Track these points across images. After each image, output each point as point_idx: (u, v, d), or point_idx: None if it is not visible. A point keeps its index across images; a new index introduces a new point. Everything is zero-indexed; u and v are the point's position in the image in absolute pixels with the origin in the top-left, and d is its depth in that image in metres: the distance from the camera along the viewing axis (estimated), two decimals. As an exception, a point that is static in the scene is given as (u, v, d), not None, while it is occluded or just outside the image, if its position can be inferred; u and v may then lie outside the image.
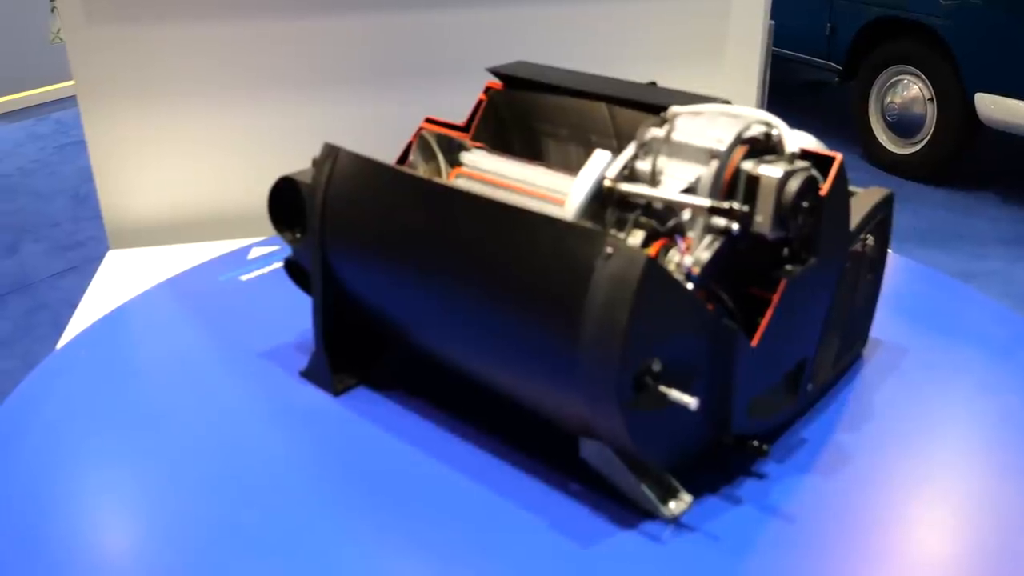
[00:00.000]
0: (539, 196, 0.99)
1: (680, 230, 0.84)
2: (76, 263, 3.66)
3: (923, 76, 4.18)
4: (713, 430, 0.89)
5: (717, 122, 0.86)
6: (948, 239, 3.81)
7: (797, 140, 0.99)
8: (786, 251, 0.90)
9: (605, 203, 0.87)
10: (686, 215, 0.84)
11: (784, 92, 6.03)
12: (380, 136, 1.49)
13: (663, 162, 0.87)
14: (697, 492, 0.89)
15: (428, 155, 1.16)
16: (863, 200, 1.02)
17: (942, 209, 4.09)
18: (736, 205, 0.80)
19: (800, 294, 0.90)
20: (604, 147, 1.09)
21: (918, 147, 4.27)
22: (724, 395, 0.86)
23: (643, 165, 0.87)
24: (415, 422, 1.01)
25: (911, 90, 4.26)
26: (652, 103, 0.98)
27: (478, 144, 1.13)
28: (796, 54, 4.97)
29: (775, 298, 0.86)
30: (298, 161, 1.76)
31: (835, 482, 0.92)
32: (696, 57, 1.76)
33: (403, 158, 1.16)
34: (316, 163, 1.03)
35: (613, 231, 0.86)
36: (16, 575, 0.82)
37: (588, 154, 1.12)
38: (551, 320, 0.81)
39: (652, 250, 0.83)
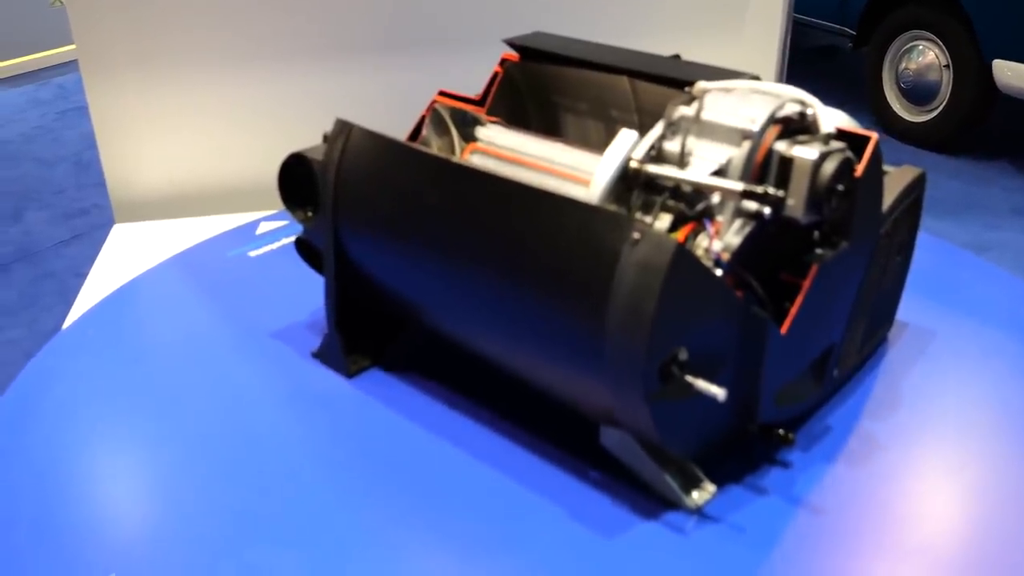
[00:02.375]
0: (559, 174, 0.96)
1: (709, 214, 0.81)
2: (81, 231, 3.63)
3: (939, 42, 4.10)
4: (739, 419, 0.86)
5: (749, 100, 0.83)
6: (961, 209, 3.77)
7: (829, 118, 0.96)
8: (817, 234, 0.87)
9: (631, 185, 0.84)
10: (716, 198, 0.81)
11: (796, 57, 5.94)
12: (391, 108, 1.45)
13: (692, 142, 0.84)
14: (721, 481, 0.87)
15: (441, 129, 1.13)
16: (895, 180, 0.99)
17: (955, 179, 4.03)
18: (771, 190, 0.76)
19: (830, 279, 0.87)
20: (625, 122, 1.05)
21: (932, 115, 4.21)
22: (752, 383, 0.83)
23: (671, 146, 0.83)
24: (430, 406, 0.99)
25: (926, 56, 4.19)
26: (677, 78, 0.94)
27: (493, 119, 1.10)
28: (807, 18, 4.89)
29: (805, 284, 0.83)
30: (306, 132, 1.73)
31: (861, 472, 0.89)
32: (716, 26, 1.71)
33: (416, 132, 1.13)
34: (328, 139, 1.00)
35: (639, 214, 0.83)
36: (28, 559, 0.81)
37: (608, 129, 1.09)
38: (575, 306, 0.78)
39: (680, 235, 0.80)
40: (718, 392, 0.75)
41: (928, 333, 1.11)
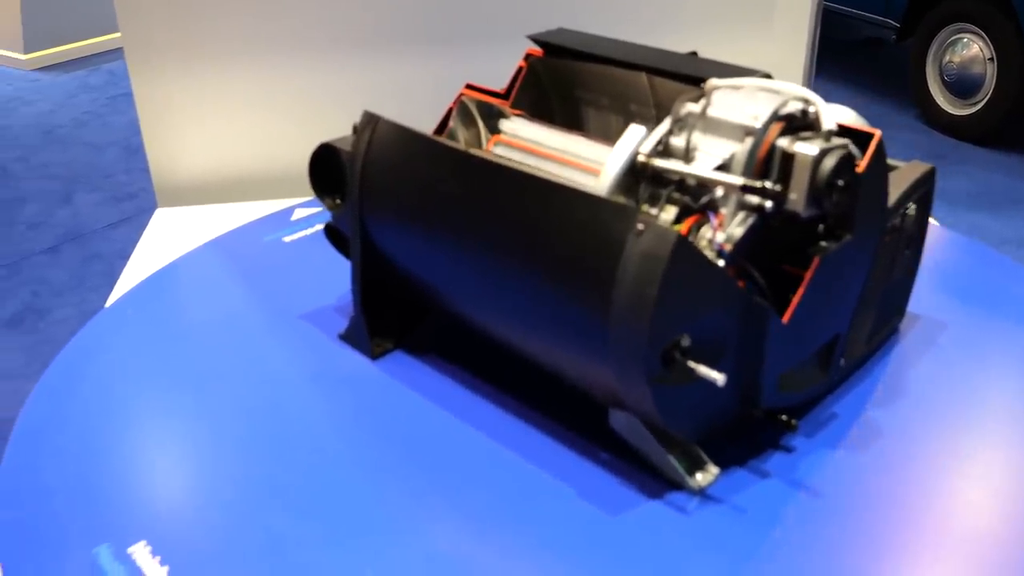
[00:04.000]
0: (577, 166, 1.00)
1: (713, 206, 0.84)
2: (129, 214, 3.72)
3: (983, 35, 4.07)
4: (742, 404, 0.89)
5: (755, 98, 0.86)
6: (1002, 204, 3.74)
7: (837, 114, 0.98)
8: (821, 228, 0.89)
9: (639, 178, 0.87)
10: (719, 192, 0.84)
11: (842, 50, 5.90)
12: (425, 98, 1.50)
13: (698, 138, 0.87)
14: (724, 464, 0.90)
15: (468, 121, 1.17)
16: (904, 175, 1.01)
17: (998, 173, 4.00)
18: (768, 184, 0.79)
19: (834, 271, 0.90)
20: (644, 117, 1.08)
21: (976, 108, 4.17)
22: (754, 370, 0.86)
23: (677, 141, 0.87)
24: (450, 387, 1.03)
25: (971, 49, 4.15)
26: (691, 74, 0.97)
27: (517, 112, 1.13)
28: (852, 10, 4.86)
29: (807, 275, 0.86)
30: (344, 122, 1.77)
31: (863, 458, 0.92)
32: (744, 20, 1.73)
33: (443, 123, 1.17)
34: (356, 130, 1.04)
35: (646, 206, 0.86)
36: (65, 523, 0.86)
37: (627, 123, 1.12)
38: (583, 293, 0.82)
39: (684, 226, 0.83)
40: (718, 377, 0.78)
41: (939, 326, 1.13)
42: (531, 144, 1.08)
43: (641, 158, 0.86)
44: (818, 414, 0.98)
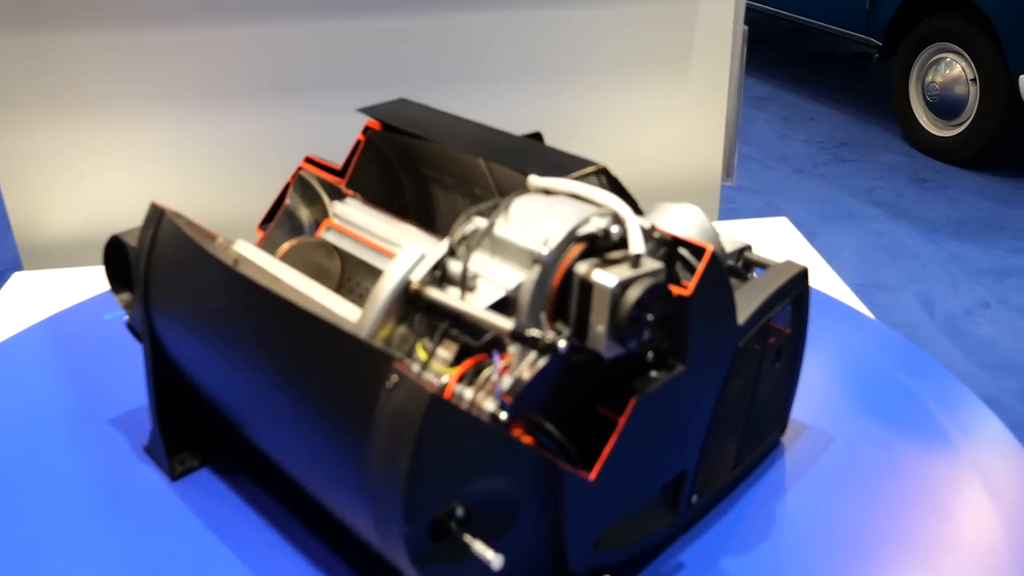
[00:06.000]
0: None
1: (499, 344, 0.70)
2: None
3: (966, 55, 3.91)
4: (557, 567, 0.75)
5: (554, 211, 0.71)
6: (984, 230, 3.59)
7: (681, 217, 0.85)
8: (650, 356, 0.76)
9: (415, 307, 0.73)
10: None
11: (828, 66, 5.77)
12: (312, 148, 1.37)
13: (484, 262, 0.73)
14: (538, 634, 0.76)
15: (310, 197, 1.04)
16: (768, 279, 0.87)
17: (980, 197, 3.85)
18: (538, 334, 0.65)
19: (664, 408, 0.76)
20: (486, 200, 0.95)
21: (959, 130, 4.02)
22: (558, 534, 0.72)
23: (456, 267, 0.72)
24: (245, 520, 0.90)
25: (953, 69, 4.00)
26: (518, 167, 0.84)
27: (351, 192, 1.00)
28: (834, 28, 4.70)
29: (621, 421, 0.72)
30: (226, 176, 1.64)
31: (703, 625, 0.78)
32: (661, 64, 1.59)
33: (280, 199, 1.04)
34: (142, 225, 0.91)
35: (423, 341, 0.72)
36: None
37: (473, 207, 0.99)
38: (341, 450, 0.68)
39: (458, 370, 0.69)
40: (492, 559, 0.65)
41: (826, 439, 0.99)
42: (359, 232, 0.96)
43: (414, 286, 0.71)
44: (661, 565, 0.84)
